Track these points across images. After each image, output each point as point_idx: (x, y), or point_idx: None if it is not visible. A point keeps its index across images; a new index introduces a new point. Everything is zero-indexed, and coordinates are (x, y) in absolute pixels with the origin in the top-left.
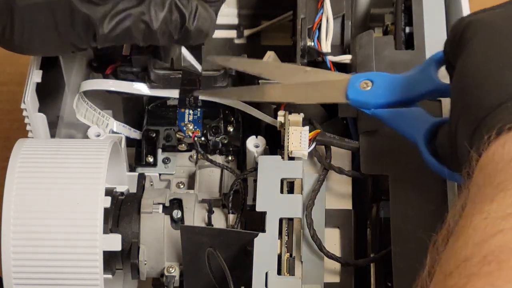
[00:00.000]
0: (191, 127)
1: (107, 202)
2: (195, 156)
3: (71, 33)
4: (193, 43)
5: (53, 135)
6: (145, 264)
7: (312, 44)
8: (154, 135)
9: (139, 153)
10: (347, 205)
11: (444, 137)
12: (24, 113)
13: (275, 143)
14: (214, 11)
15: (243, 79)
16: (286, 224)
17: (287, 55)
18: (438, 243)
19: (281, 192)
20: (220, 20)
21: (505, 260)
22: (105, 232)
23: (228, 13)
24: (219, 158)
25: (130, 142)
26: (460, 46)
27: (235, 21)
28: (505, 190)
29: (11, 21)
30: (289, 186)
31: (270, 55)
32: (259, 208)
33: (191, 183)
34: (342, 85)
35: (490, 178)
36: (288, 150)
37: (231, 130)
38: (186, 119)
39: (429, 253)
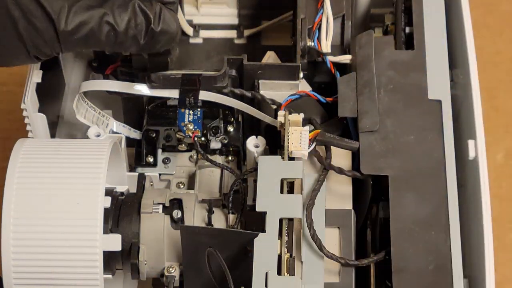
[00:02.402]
0: (191, 127)
1: (107, 202)
2: (195, 156)
3: (32, 33)
4: (160, 47)
5: (53, 135)
6: (145, 264)
7: (312, 44)
8: (154, 135)
9: (139, 153)
10: (347, 205)
11: None
12: (24, 113)
13: (275, 143)
14: (177, 14)
15: (242, 81)
16: (286, 224)
17: (287, 55)
18: None
19: (281, 192)
20: (220, 20)
21: None
22: (105, 232)
23: (228, 13)
24: (219, 158)
25: (130, 142)
26: None
27: (235, 21)
28: None
29: None
30: (289, 186)
31: (270, 55)
32: (259, 208)
33: (191, 183)
34: None
35: None
36: (288, 150)
37: (231, 130)
38: (186, 119)
39: None
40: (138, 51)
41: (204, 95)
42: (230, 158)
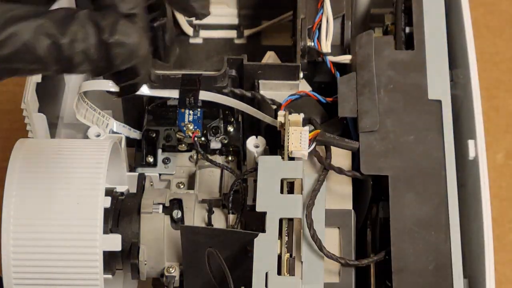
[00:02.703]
0: (191, 127)
1: (107, 202)
2: (195, 156)
3: None
4: (120, 64)
5: (53, 135)
6: (145, 264)
7: (312, 44)
8: (154, 135)
9: (139, 153)
10: (347, 205)
11: None
12: (24, 113)
13: (275, 143)
14: (141, 26)
15: (242, 81)
16: (286, 224)
17: (287, 55)
18: None
19: (281, 192)
20: (220, 20)
21: None
22: (105, 232)
23: (228, 13)
24: (219, 158)
25: (130, 142)
26: None
27: (235, 21)
28: None
29: None
30: (289, 186)
31: (270, 55)
32: (259, 208)
33: (191, 183)
34: None
35: None
36: (288, 150)
37: (231, 130)
38: (186, 119)
39: None
40: (94, 69)
41: (204, 95)
42: (230, 158)
